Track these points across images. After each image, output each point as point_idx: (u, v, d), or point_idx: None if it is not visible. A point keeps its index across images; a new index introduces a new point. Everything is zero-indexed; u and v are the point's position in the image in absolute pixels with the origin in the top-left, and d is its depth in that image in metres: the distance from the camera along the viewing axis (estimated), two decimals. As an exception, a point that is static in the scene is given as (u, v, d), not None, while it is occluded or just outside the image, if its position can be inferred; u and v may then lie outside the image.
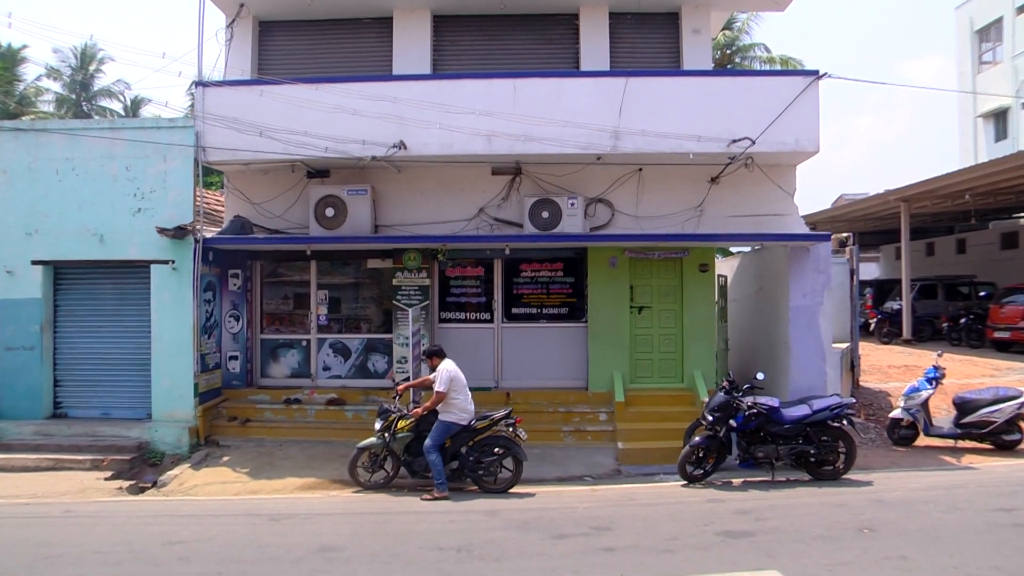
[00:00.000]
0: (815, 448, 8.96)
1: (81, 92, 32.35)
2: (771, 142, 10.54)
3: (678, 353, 12.04)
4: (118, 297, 11.40)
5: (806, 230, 12.04)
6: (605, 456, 10.34)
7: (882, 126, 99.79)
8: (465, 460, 8.81)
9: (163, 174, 11.00)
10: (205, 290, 11.43)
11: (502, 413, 8.97)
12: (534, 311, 12.33)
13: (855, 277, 14.55)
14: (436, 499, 8.47)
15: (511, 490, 8.79)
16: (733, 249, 17.86)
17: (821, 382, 11.05)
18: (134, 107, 32.97)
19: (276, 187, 12.02)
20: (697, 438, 9.11)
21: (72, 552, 6.79)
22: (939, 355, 11.51)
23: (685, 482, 8.98)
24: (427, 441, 8.67)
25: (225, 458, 10.48)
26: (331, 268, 12.63)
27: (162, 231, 10.81)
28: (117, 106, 33.00)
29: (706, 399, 10.06)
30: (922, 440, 10.96)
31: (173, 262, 10.94)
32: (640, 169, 11.62)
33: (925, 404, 10.76)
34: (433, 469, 8.58)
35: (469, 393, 8.97)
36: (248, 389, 12.24)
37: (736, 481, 9.07)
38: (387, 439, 8.95)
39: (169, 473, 9.95)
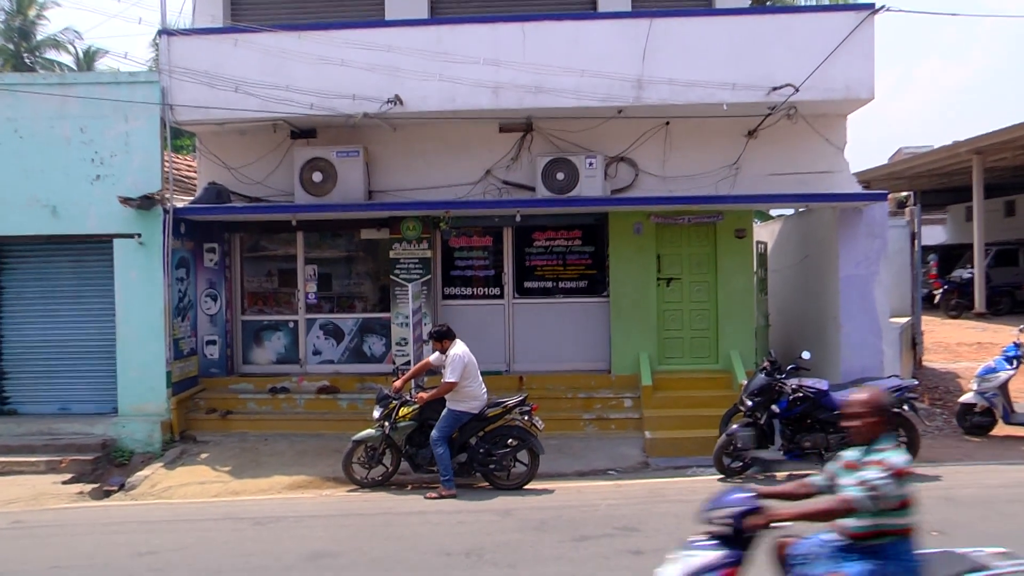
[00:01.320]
0: (871, 436, 8.79)
1: (21, 42, 31.12)
2: (818, 89, 10.38)
3: (712, 330, 12.03)
4: (76, 277, 11.30)
5: (859, 189, 11.98)
6: (631, 447, 10.35)
7: (951, 69, 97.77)
8: (475, 452, 8.79)
9: (124, 136, 10.83)
10: (177, 267, 11.35)
11: (516, 399, 8.95)
12: (549, 285, 12.32)
13: (917, 242, 14.43)
14: (442, 497, 8.46)
15: (526, 486, 8.79)
16: (774, 212, 17.85)
17: (877, 362, 10.96)
18: (88, 60, 31.93)
19: (256, 150, 11.93)
20: (735, 426, 9.07)
21: (24, 570, 6.71)
22: (1021, 330, 11.29)
23: (721, 476, 8.92)
24: (434, 432, 8.63)
25: (203, 455, 10.46)
26: (320, 240, 12.61)
27: (125, 201, 10.67)
28: (67, 59, 31.76)
29: (744, 382, 10.05)
30: (1001, 429, 10.76)
31: (139, 236, 10.83)
32: (667, 123, 11.53)
33: (1004, 387, 10.52)
34: (440, 464, 8.55)
35: (481, 378, 8.93)
36: (228, 377, 12.23)
37: (780, 475, 8.90)
38: (387, 429, 8.91)
39: (139, 474, 9.90)
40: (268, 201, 11.90)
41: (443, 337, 8.93)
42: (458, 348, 8.80)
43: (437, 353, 8.93)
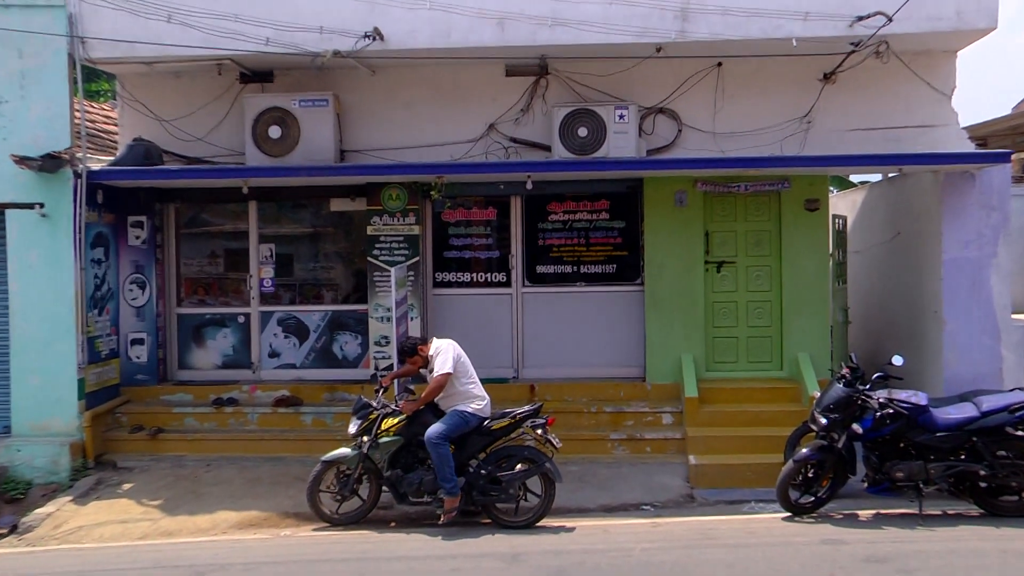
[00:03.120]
0: (987, 468, 8.59)
1: None
2: (918, 17, 10.19)
3: (775, 328, 11.99)
4: (-45, 259, 11.23)
5: (971, 147, 11.74)
6: (671, 475, 10.35)
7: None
8: (475, 477, 8.71)
9: (19, 77, 10.76)
10: (93, 246, 11.27)
11: (527, 409, 8.94)
12: (568, 270, 12.29)
13: (1052, 216, 14.44)
14: (455, 513, 8.54)
15: (539, 523, 8.74)
16: (855, 178, 17.87)
17: (993, 369, 10.93)
18: None
19: (195, 97, 11.87)
20: (805, 450, 8.96)
21: None
22: None
23: (788, 513, 8.87)
24: (433, 429, 8.59)
25: (126, 485, 10.37)
26: (279, 213, 12.62)
27: (22, 161, 10.54)
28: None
29: (817, 394, 9.90)
30: None
31: (41, 206, 10.73)
32: (719, 64, 11.47)
33: None
34: (440, 467, 8.51)
35: (479, 382, 9.04)
36: (161, 386, 12.22)
37: (864, 514, 8.86)
38: (365, 447, 8.86)
39: (39, 511, 9.78)
40: (211, 162, 11.80)
41: (415, 350, 9.03)
42: (441, 341, 8.98)
43: None
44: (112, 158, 11.85)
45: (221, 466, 10.77)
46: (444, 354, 8.73)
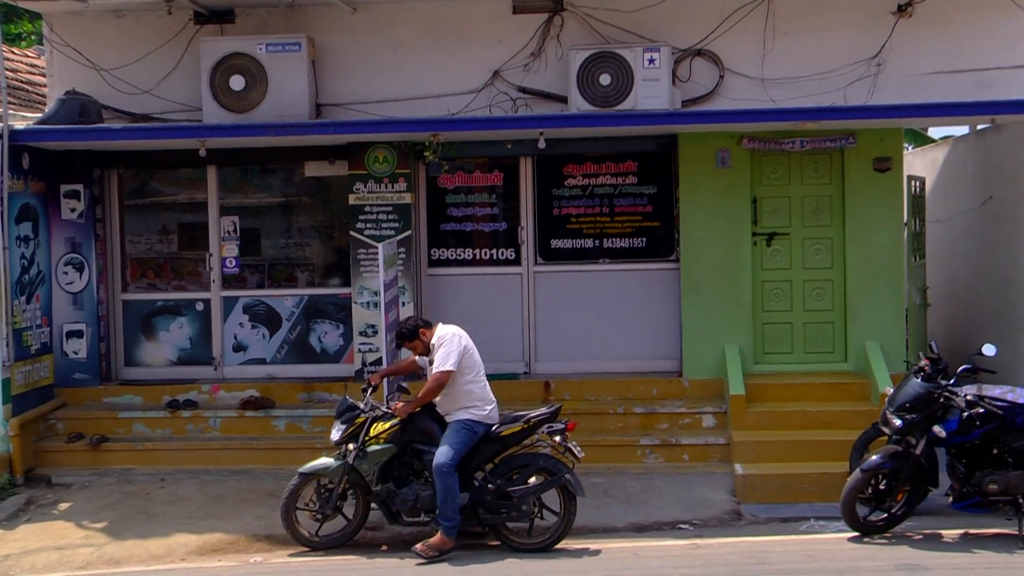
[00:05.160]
0: (1106, 482, 8.56)
1: None
2: None
3: (838, 312, 11.99)
4: None
5: None
6: (713, 487, 10.35)
7: None
8: (482, 493, 8.69)
9: None
10: (19, 220, 11.29)
11: (543, 412, 8.90)
12: (588, 244, 12.33)
13: None
14: (440, 554, 8.42)
15: (557, 545, 8.69)
16: (935, 132, 17.95)
17: None
18: None
19: (141, 41, 11.84)
20: (875, 457, 8.88)
21: None
22: None
23: (855, 533, 8.84)
24: (442, 454, 8.49)
25: (63, 505, 10.33)
26: (243, 179, 12.70)
27: None
28: None
29: (890, 390, 9.79)
30: None
31: None
32: None
33: None
34: (444, 502, 8.45)
35: (486, 380, 9.05)
36: (104, 386, 12.19)
37: (949, 534, 8.79)
38: (351, 457, 8.79)
39: None
40: (161, 120, 11.83)
41: (415, 333, 8.91)
42: (445, 329, 8.85)
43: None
44: (40, 115, 11.91)
45: (177, 481, 10.74)
46: (448, 346, 8.65)
